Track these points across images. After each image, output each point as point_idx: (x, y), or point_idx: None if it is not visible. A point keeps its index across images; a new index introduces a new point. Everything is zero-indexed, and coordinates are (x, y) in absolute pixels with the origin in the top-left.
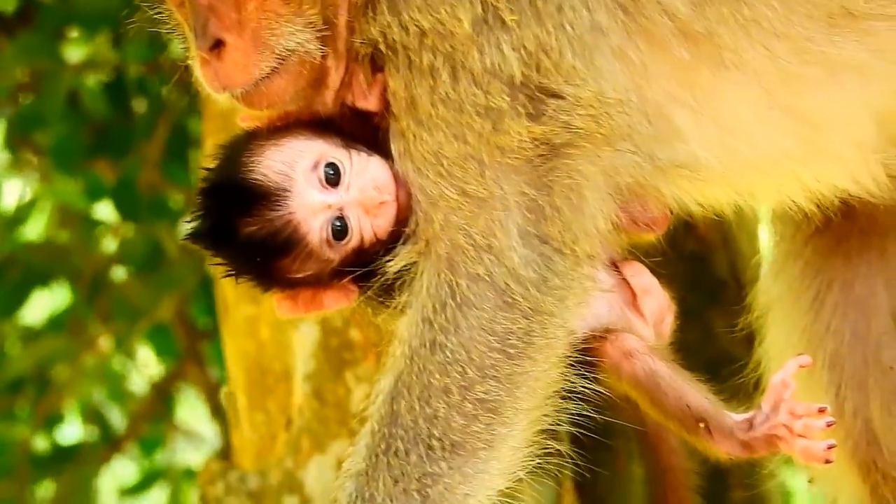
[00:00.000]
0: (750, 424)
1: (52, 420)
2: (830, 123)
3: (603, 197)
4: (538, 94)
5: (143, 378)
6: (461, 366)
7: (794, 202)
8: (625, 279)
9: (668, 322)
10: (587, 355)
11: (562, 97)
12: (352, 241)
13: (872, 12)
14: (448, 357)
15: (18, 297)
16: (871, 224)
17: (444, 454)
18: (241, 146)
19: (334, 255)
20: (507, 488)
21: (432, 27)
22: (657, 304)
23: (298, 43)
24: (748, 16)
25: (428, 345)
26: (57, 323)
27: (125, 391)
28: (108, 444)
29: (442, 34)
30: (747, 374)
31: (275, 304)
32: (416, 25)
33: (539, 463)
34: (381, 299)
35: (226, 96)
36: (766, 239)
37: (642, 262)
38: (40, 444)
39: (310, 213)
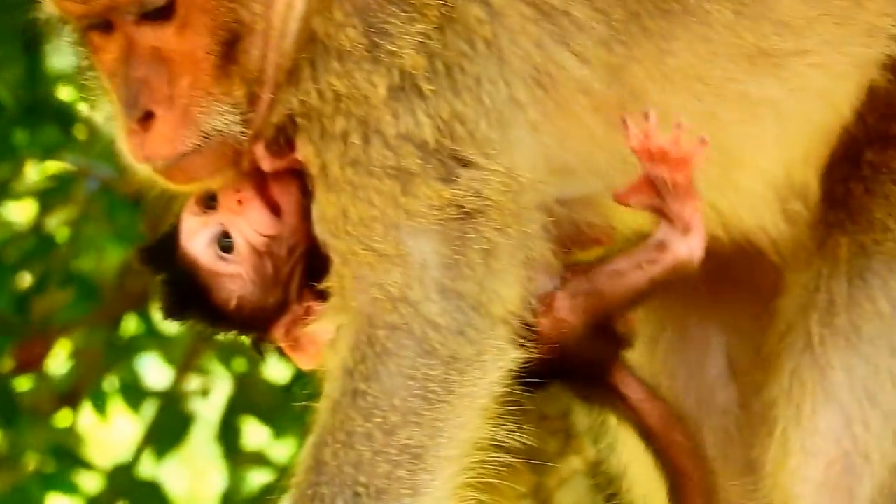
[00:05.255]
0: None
1: None
2: (746, 156)
3: (515, 265)
4: (450, 160)
5: None
6: (383, 411)
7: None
8: None
9: None
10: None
11: (474, 166)
12: (243, 251)
13: (783, 47)
14: (370, 403)
15: None
16: (709, 268)
17: (369, 501)
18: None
19: (240, 268)
20: None
21: (348, 92)
22: None
23: (224, 124)
24: (672, 65)
25: (350, 394)
26: None
27: None
28: None
29: (357, 99)
30: None
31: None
32: (332, 90)
33: None
34: None
35: (146, 167)
36: None
37: None
38: None
39: (193, 235)
